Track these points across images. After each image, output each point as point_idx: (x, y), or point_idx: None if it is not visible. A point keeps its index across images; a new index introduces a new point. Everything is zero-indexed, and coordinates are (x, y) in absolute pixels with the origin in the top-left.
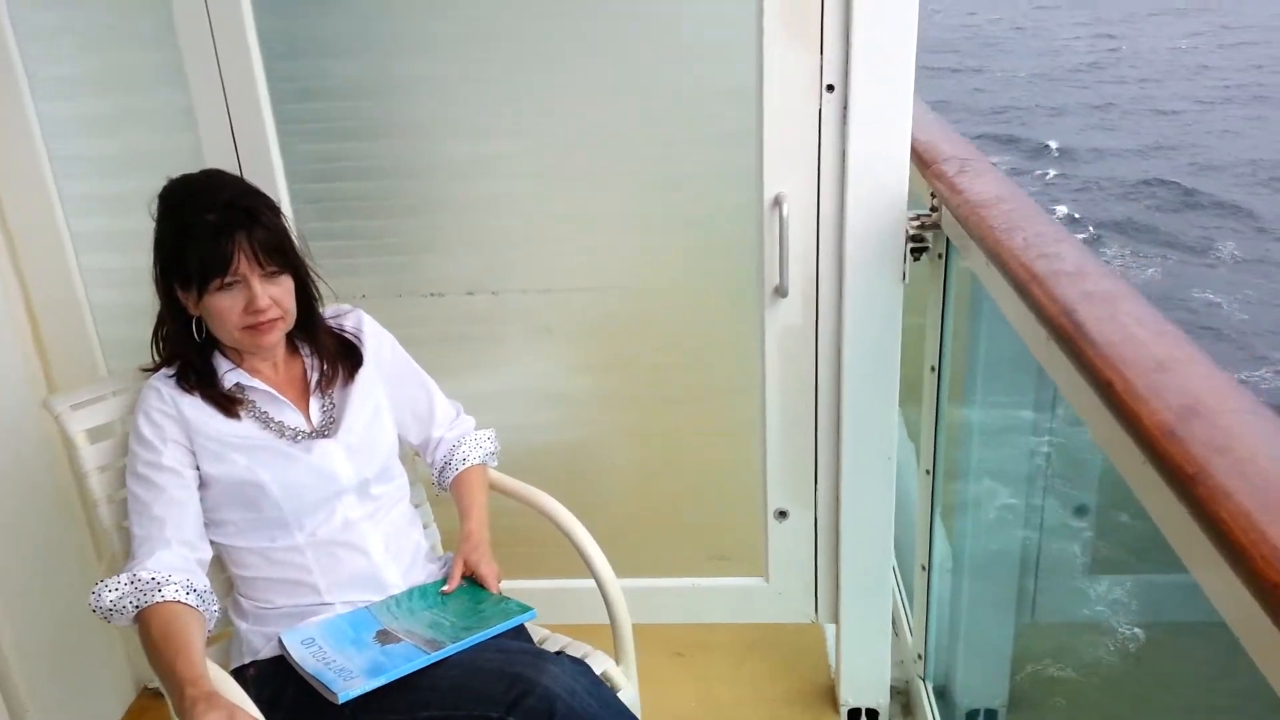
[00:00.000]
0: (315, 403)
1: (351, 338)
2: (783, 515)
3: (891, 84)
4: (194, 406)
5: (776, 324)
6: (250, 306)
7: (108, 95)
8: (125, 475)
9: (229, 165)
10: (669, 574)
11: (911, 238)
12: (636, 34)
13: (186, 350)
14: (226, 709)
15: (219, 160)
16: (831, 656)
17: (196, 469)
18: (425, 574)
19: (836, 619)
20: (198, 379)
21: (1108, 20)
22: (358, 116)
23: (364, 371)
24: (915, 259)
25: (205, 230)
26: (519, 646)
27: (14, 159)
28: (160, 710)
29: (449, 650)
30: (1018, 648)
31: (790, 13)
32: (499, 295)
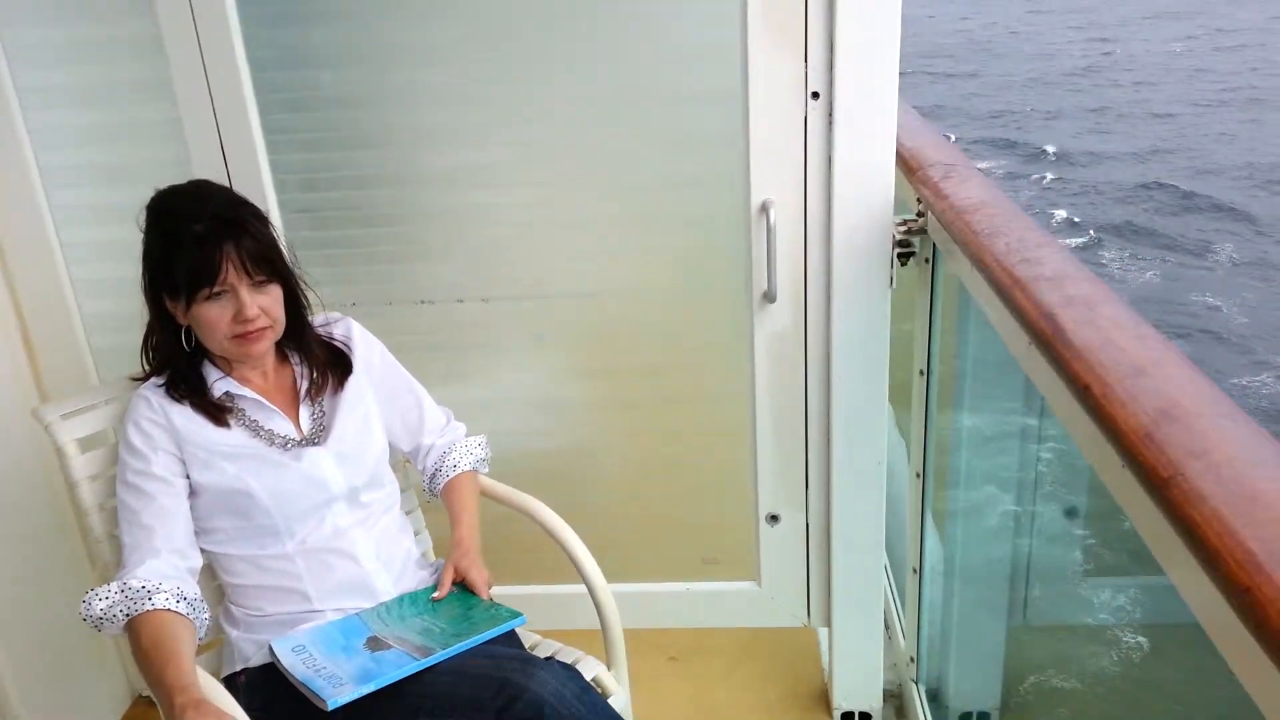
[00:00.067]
0: (305, 411)
1: (341, 346)
2: (774, 519)
3: (876, 90)
4: (184, 415)
5: (765, 329)
6: (239, 316)
7: (97, 107)
8: (115, 484)
9: (218, 175)
10: (662, 578)
11: (898, 243)
12: (625, 43)
13: (176, 359)
14: (215, 716)
15: (208, 170)
16: (825, 660)
17: (186, 478)
18: (416, 581)
19: (829, 623)
20: (187, 388)
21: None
22: (346, 126)
23: (353, 379)
24: (902, 264)
25: (193, 240)
26: (509, 652)
27: (4, 170)
28: (155, 718)
29: (438, 657)
30: (1010, 651)
31: (775, 21)
32: (489, 302)
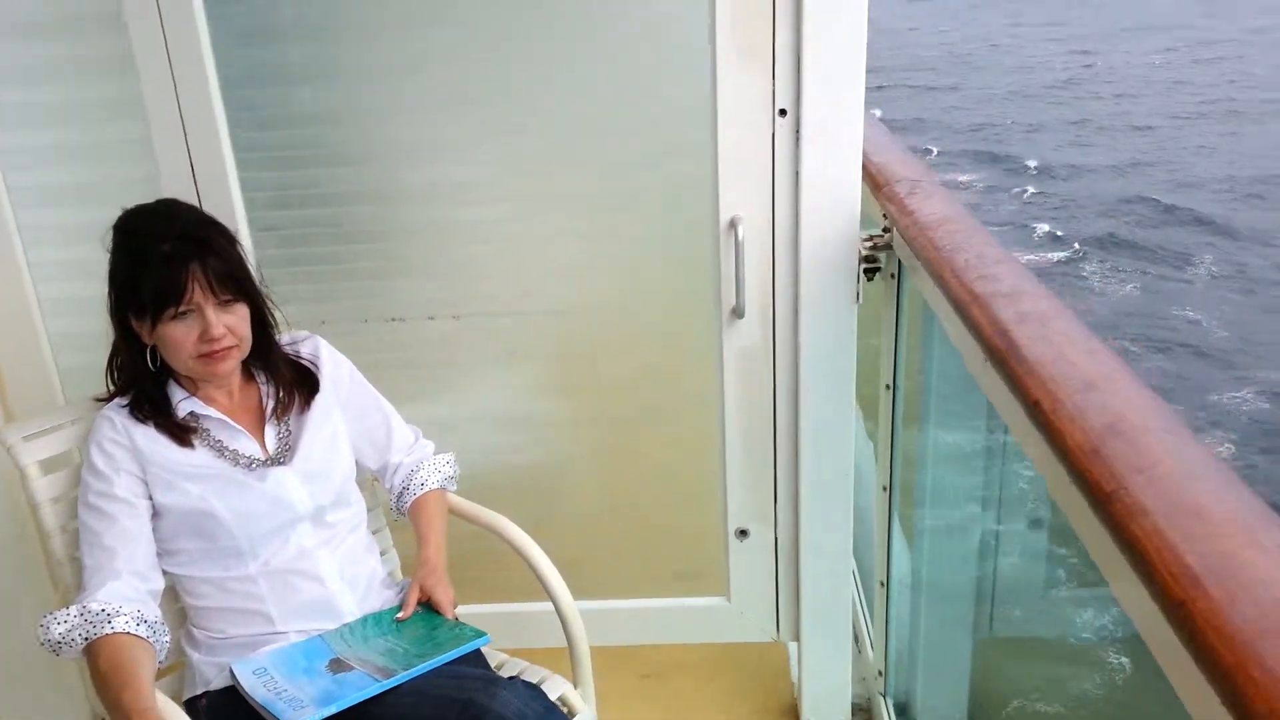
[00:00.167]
0: (271, 430)
1: (308, 364)
2: (743, 534)
3: (842, 108)
4: (147, 436)
5: (734, 344)
6: (204, 335)
7: (65, 125)
8: (77, 506)
9: (187, 194)
10: (632, 595)
11: (864, 258)
12: (596, 62)
13: (141, 379)
14: None
15: (177, 188)
16: (795, 675)
17: (149, 499)
18: (381, 601)
19: (798, 637)
20: (151, 408)
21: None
22: (316, 144)
23: (320, 398)
24: (869, 279)
25: (160, 260)
26: (472, 672)
27: None
28: None
29: (401, 678)
30: (977, 663)
31: (742, 40)
32: (460, 319)
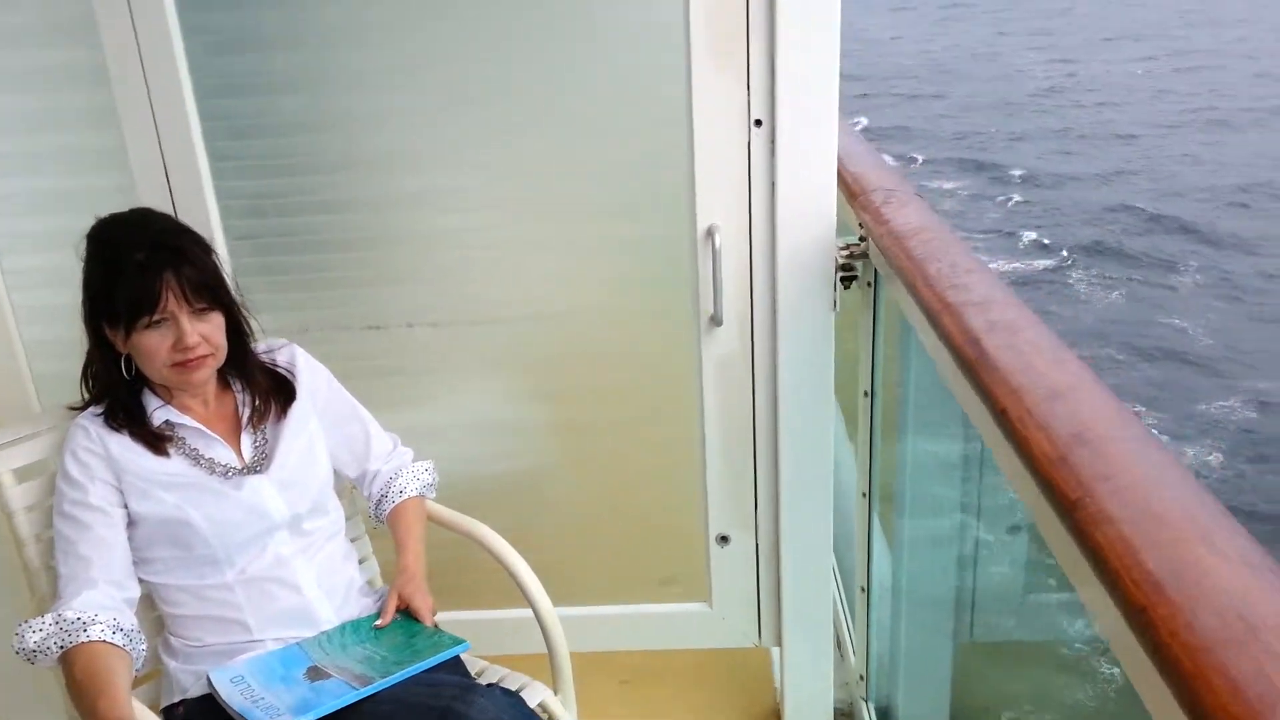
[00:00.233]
0: (247, 438)
1: (284, 372)
2: (724, 540)
3: (817, 118)
4: (122, 445)
5: (713, 351)
6: (178, 344)
7: (41, 133)
8: (52, 515)
9: (162, 202)
10: (613, 601)
11: (841, 267)
12: (572, 70)
13: (115, 388)
14: None
15: (152, 197)
16: (777, 680)
17: (125, 507)
18: (359, 609)
19: (780, 642)
20: (126, 417)
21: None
22: (292, 153)
23: (297, 406)
24: (846, 287)
25: (133, 268)
26: (449, 680)
27: None
28: None
29: (378, 685)
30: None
31: (717, 50)
32: (439, 327)
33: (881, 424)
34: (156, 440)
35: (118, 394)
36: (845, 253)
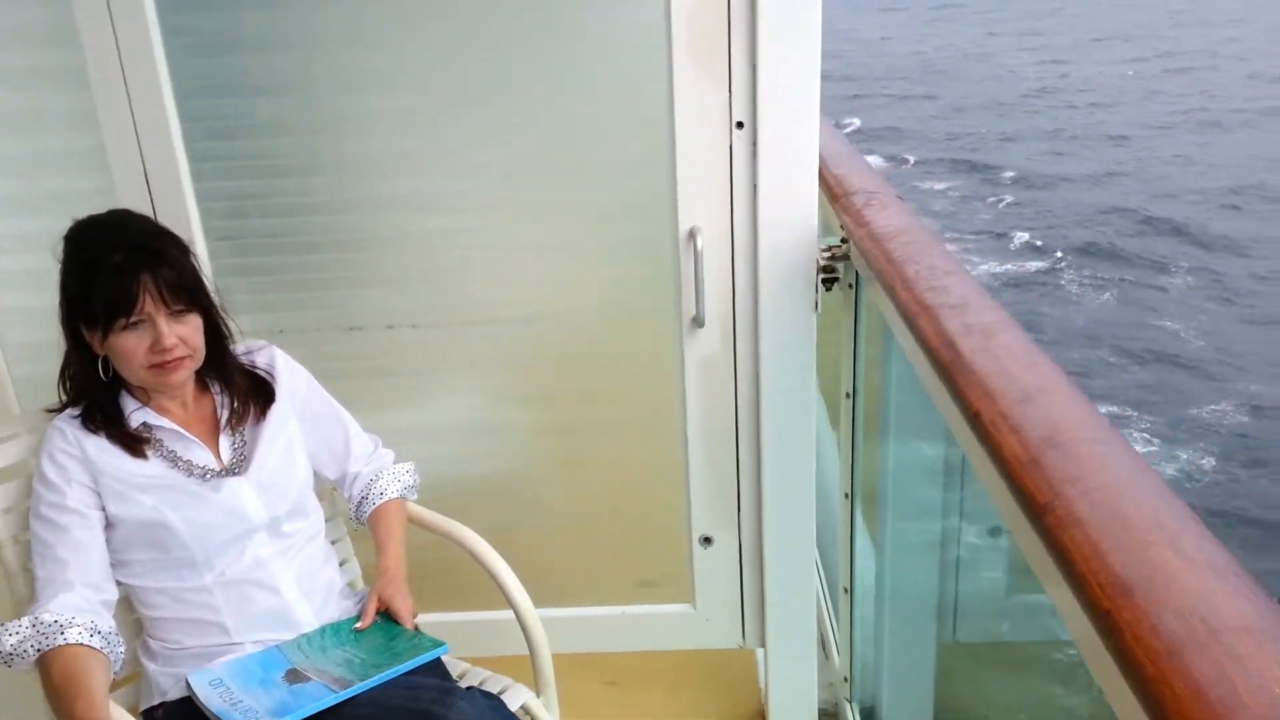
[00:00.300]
0: (225, 440)
1: (263, 374)
2: (707, 541)
3: (798, 120)
4: (99, 447)
5: (695, 353)
6: (156, 345)
7: (19, 135)
8: (29, 517)
9: (142, 203)
10: (597, 602)
11: (823, 268)
12: (556, 72)
13: (92, 390)
14: None
15: (132, 199)
16: (761, 681)
17: (102, 510)
18: (339, 611)
19: (764, 643)
20: (103, 419)
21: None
22: (272, 154)
23: (276, 408)
24: (827, 289)
25: (111, 270)
26: (428, 683)
27: None
28: None
29: (357, 688)
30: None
31: (698, 53)
32: (419, 328)
33: (864, 425)
34: (134, 442)
35: (95, 396)
36: (827, 254)
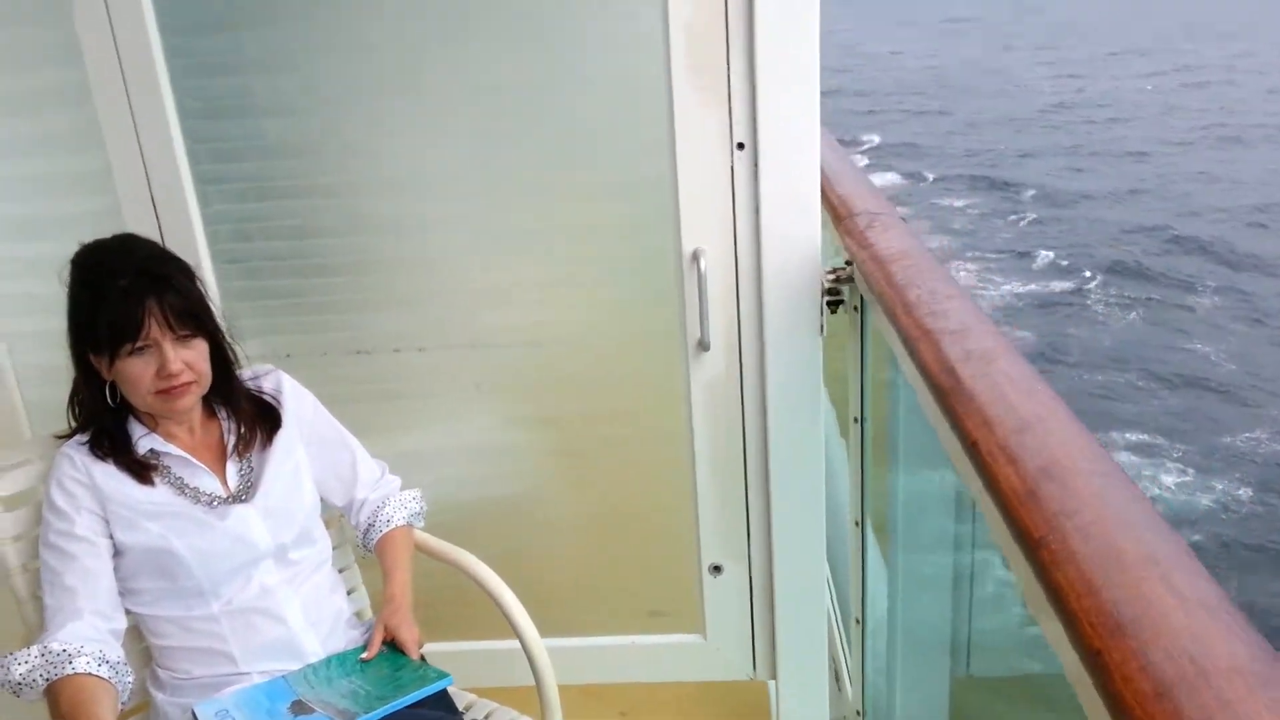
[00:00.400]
0: (232, 466)
1: (270, 399)
2: (717, 570)
3: (799, 141)
4: (107, 474)
5: (701, 377)
6: (162, 371)
7: (26, 157)
8: (39, 545)
9: (149, 225)
10: (606, 632)
11: (827, 290)
12: (559, 95)
13: (100, 416)
14: None
15: (139, 221)
16: (773, 713)
17: (110, 537)
18: (345, 640)
19: (775, 675)
20: (111, 445)
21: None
22: (279, 176)
23: (283, 433)
24: (833, 311)
25: (116, 295)
26: (432, 716)
27: None
28: None
29: None
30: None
31: (698, 74)
32: (426, 352)
33: (874, 450)
34: (141, 469)
35: (103, 422)
36: (831, 277)
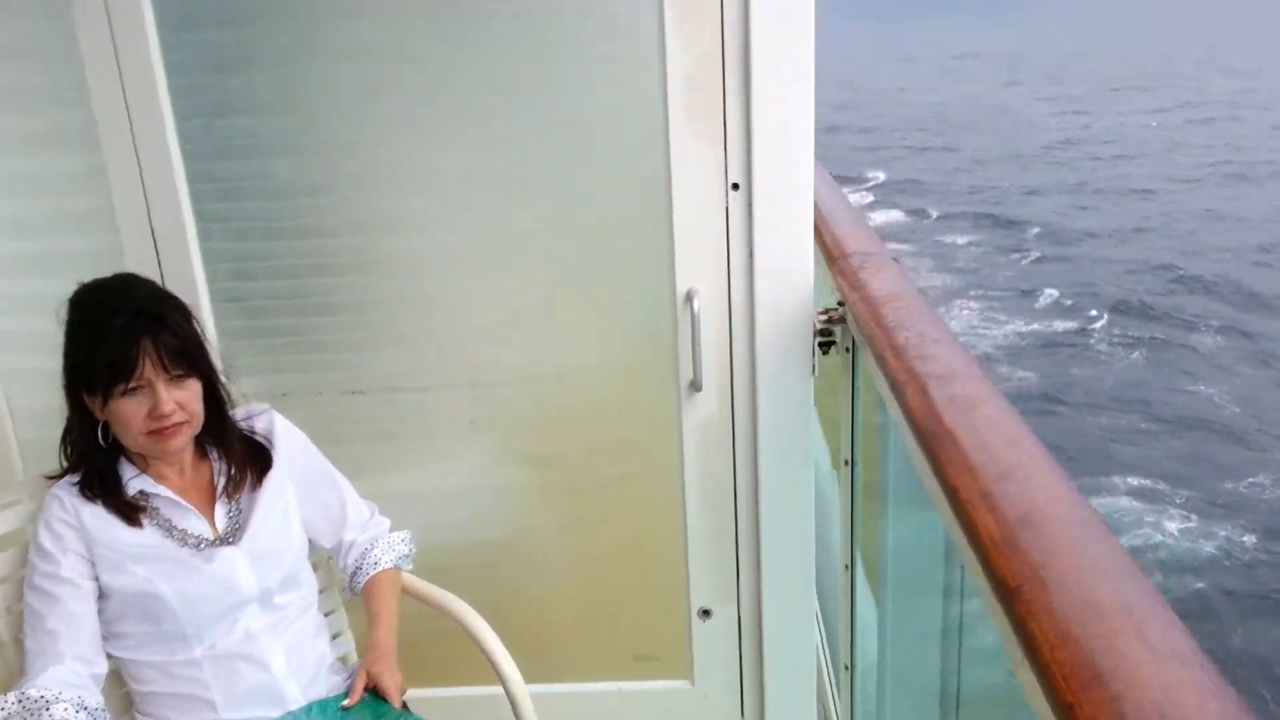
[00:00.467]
0: (221, 508)
1: (262, 440)
2: (706, 614)
3: (793, 183)
4: (95, 516)
5: (693, 417)
6: (154, 411)
7: (29, 197)
8: (24, 587)
9: (149, 264)
10: (592, 677)
11: (820, 331)
12: (556, 135)
13: (91, 456)
14: None
15: (140, 259)
16: None
17: (96, 580)
18: (328, 686)
19: None
20: (101, 486)
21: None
22: (279, 215)
23: (273, 474)
24: (825, 352)
25: (112, 335)
26: None
27: None
28: None
29: None
30: None
31: (695, 116)
32: (421, 392)
33: (864, 493)
34: (130, 511)
35: (94, 462)
36: (824, 317)
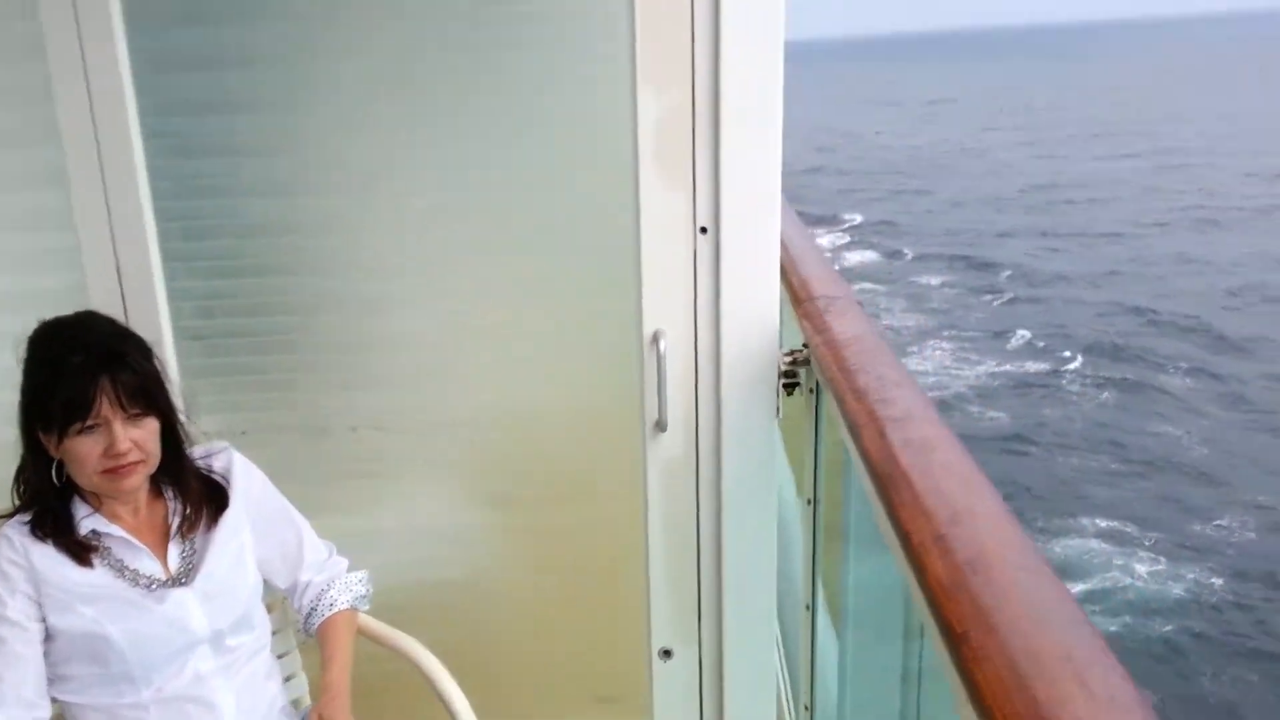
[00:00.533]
0: (175, 549)
1: (219, 479)
2: (667, 654)
3: (760, 227)
4: (45, 555)
5: (658, 458)
6: (110, 450)
7: None
8: None
9: (113, 302)
10: (553, 719)
11: (784, 373)
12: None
13: (45, 495)
14: None
15: (104, 297)
16: None
17: (43, 621)
18: None
19: None
20: (53, 526)
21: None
22: (246, 254)
23: (229, 514)
24: (789, 394)
25: (70, 372)
26: None
27: None
28: None
29: None
30: None
31: (664, 160)
32: (382, 431)
33: (826, 534)
34: (81, 550)
35: (47, 501)
36: (789, 359)
